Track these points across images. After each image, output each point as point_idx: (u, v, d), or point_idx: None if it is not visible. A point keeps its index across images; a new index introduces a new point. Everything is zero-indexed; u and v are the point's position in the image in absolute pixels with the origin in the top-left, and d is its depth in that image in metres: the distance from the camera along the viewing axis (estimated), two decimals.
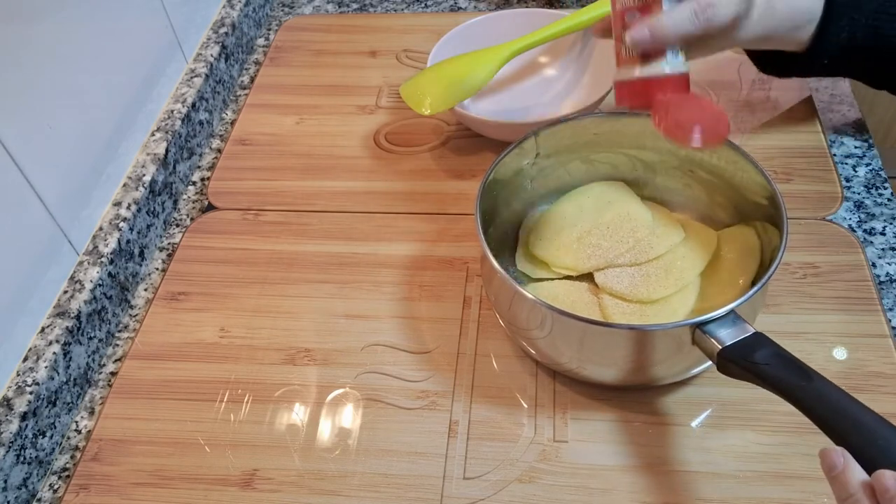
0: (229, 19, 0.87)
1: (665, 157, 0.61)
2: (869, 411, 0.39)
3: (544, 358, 0.55)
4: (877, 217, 0.64)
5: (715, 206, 0.61)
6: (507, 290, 0.52)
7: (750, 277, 0.55)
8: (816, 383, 0.41)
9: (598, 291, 0.58)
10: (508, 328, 0.57)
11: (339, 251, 0.67)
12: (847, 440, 0.38)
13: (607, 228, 0.60)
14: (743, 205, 0.58)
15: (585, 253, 0.59)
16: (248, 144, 0.78)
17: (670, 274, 0.57)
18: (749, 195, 0.56)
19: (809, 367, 0.42)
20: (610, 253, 0.59)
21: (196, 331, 0.62)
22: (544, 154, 0.61)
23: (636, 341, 0.48)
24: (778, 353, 0.44)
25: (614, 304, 0.57)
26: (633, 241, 0.59)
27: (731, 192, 0.58)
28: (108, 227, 0.65)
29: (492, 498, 0.50)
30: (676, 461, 0.51)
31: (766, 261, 0.54)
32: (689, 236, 0.60)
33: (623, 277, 0.58)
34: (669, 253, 0.59)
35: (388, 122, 0.79)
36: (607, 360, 0.51)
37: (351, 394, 0.57)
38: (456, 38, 0.78)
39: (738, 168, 0.56)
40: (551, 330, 0.50)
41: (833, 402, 0.40)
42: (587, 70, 0.78)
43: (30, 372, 0.54)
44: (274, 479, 0.52)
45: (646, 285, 0.57)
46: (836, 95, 0.76)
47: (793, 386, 0.42)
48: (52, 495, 0.54)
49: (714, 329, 0.45)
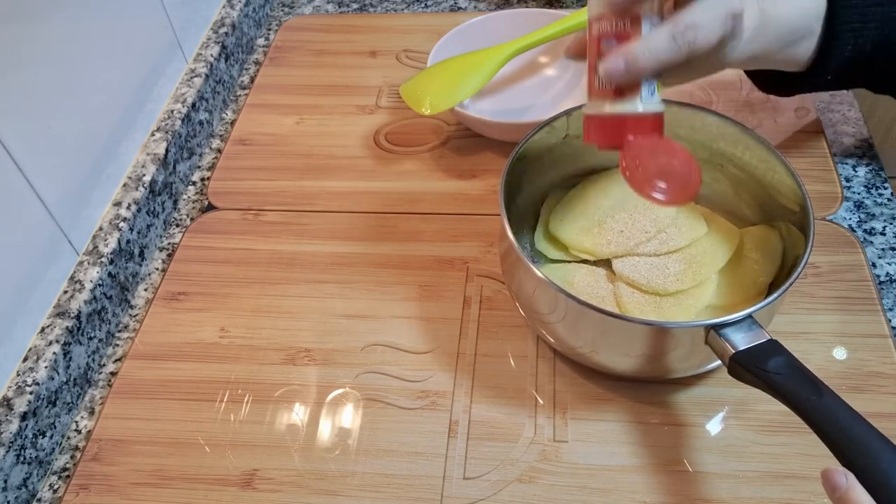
0: (229, 19, 0.87)
1: (696, 147, 0.60)
2: (875, 433, 0.39)
3: (558, 342, 0.55)
4: (877, 217, 0.64)
5: (740, 203, 0.60)
6: (523, 271, 0.51)
7: (769, 280, 0.54)
8: (826, 399, 0.41)
9: (614, 278, 0.58)
10: (523, 310, 0.56)
11: (339, 251, 0.67)
12: (850, 460, 0.38)
13: (630, 216, 0.59)
14: (769, 205, 0.57)
15: (606, 238, 0.59)
16: (248, 144, 0.78)
17: (690, 268, 0.57)
18: (777, 196, 0.55)
19: (821, 382, 0.42)
20: (631, 241, 0.58)
21: (196, 331, 0.62)
22: (574, 134, 0.60)
23: (650, 336, 0.48)
24: (791, 363, 0.43)
25: (630, 293, 0.56)
26: (654, 231, 0.58)
27: (759, 190, 0.58)
28: (108, 227, 0.65)
29: (492, 498, 0.50)
30: (677, 461, 0.51)
31: (786, 265, 0.53)
32: (711, 231, 0.59)
33: (641, 267, 0.57)
34: (691, 246, 0.58)
35: (388, 122, 0.79)
36: (618, 351, 0.50)
37: (351, 394, 0.57)
38: (456, 38, 0.78)
39: (768, 168, 0.55)
40: (565, 314, 0.50)
41: (840, 420, 0.40)
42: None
43: (30, 372, 0.54)
44: (274, 479, 0.52)
45: (663, 277, 0.56)
46: (836, 95, 0.76)
47: (802, 399, 0.41)
48: (52, 495, 0.54)
49: (729, 332, 0.45)
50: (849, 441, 0.39)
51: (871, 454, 0.38)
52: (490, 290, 0.62)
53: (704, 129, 0.59)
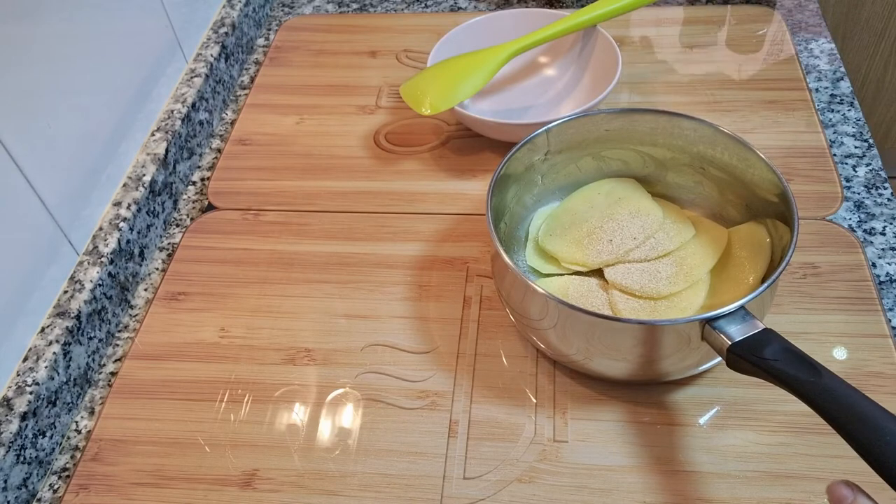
0: (229, 19, 0.87)
1: (676, 153, 0.61)
2: (878, 408, 0.39)
3: (555, 353, 0.55)
4: (877, 217, 0.64)
5: (726, 204, 0.61)
6: (518, 286, 0.52)
7: (760, 274, 0.55)
8: (825, 379, 0.41)
9: (607, 287, 0.58)
10: (518, 323, 0.57)
11: (339, 251, 0.67)
12: (855, 437, 0.38)
13: (618, 224, 0.60)
14: (754, 202, 0.58)
15: (595, 248, 0.59)
16: (248, 144, 0.78)
17: (681, 270, 0.58)
18: (760, 192, 0.56)
19: (819, 363, 0.42)
20: (620, 249, 0.59)
21: (196, 331, 0.62)
22: (555, 150, 0.61)
23: (645, 336, 0.48)
24: (787, 348, 0.44)
25: (624, 299, 0.57)
26: (643, 238, 0.59)
27: (742, 189, 0.58)
28: (108, 227, 0.65)
29: (492, 498, 0.50)
30: (677, 461, 0.51)
31: (776, 258, 0.54)
32: (699, 233, 0.60)
33: (633, 273, 0.58)
34: (680, 249, 0.59)
35: (388, 122, 0.79)
36: (616, 355, 0.50)
37: (351, 394, 0.57)
38: (456, 38, 0.78)
39: (749, 165, 0.56)
40: (562, 325, 0.50)
41: (842, 398, 0.40)
42: (587, 70, 0.78)
43: (30, 372, 0.54)
44: (274, 479, 0.52)
45: (655, 281, 0.57)
46: (836, 95, 0.76)
47: (801, 382, 0.42)
48: (52, 495, 0.54)
49: (724, 325, 0.46)
50: (852, 418, 0.39)
51: (876, 429, 0.38)
52: (490, 290, 0.62)
53: (682, 135, 0.60)
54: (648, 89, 0.78)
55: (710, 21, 0.86)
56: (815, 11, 0.86)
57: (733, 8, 0.88)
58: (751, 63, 0.80)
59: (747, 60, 0.80)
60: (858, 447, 0.38)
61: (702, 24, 0.86)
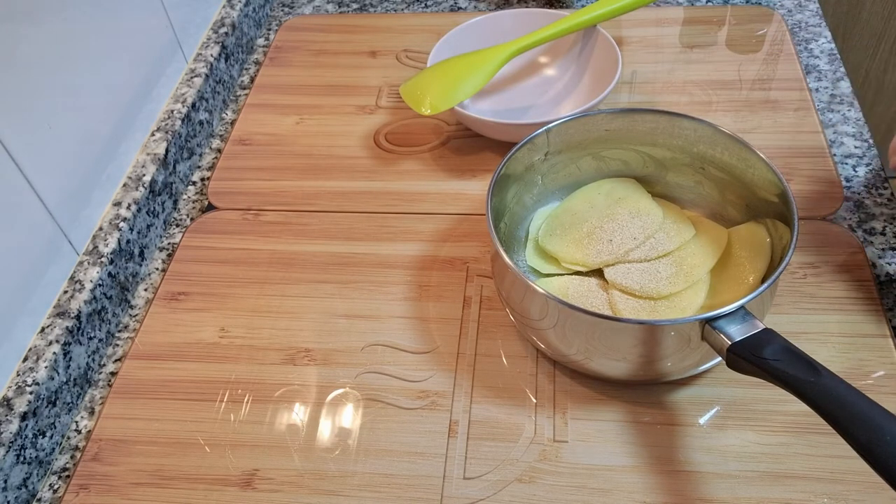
0: (229, 19, 0.87)
1: (676, 154, 0.61)
2: (878, 407, 0.39)
3: (555, 353, 0.55)
4: (877, 217, 0.64)
5: (726, 204, 0.61)
6: (518, 286, 0.52)
7: (760, 274, 0.55)
8: (825, 379, 0.41)
9: (607, 287, 0.58)
10: (518, 323, 0.57)
11: (339, 251, 0.67)
12: (855, 436, 0.38)
13: (618, 224, 0.60)
14: (754, 202, 0.58)
15: (595, 248, 0.59)
16: (248, 144, 0.78)
17: (681, 270, 0.58)
18: (760, 192, 0.56)
19: (818, 363, 0.42)
20: (620, 249, 0.59)
21: (196, 331, 0.62)
22: (555, 150, 0.61)
23: (645, 336, 0.48)
24: (787, 348, 0.44)
25: (624, 299, 0.57)
26: (643, 238, 0.59)
27: (742, 189, 0.58)
28: (108, 227, 0.65)
29: (492, 498, 0.50)
30: (677, 461, 0.51)
31: (776, 258, 0.54)
32: (699, 233, 0.60)
33: (633, 273, 0.58)
34: (680, 250, 0.59)
35: (388, 122, 0.79)
36: (616, 355, 0.50)
37: (351, 394, 0.57)
38: (456, 38, 0.78)
39: (748, 165, 0.56)
40: (562, 325, 0.50)
41: (841, 397, 0.40)
42: (587, 70, 0.78)
43: (30, 372, 0.54)
44: (274, 479, 0.52)
45: (655, 281, 0.57)
46: (836, 96, 0.76)
47: (801, 382, 0.42)
48: (52, 495, 0.54)
49: (724, 325, 0.46)
50: (852, 417, 0.39)
51: (876, 428, 0.38)
52: (490, 290, 0.62)
53: (682, 135, 0.60)
54: (648, 89, 0.78)
55: (710, 21, 0.86)
56: (815, 11, 0.86)
57: (733, 8, 0.88)
58: (751, 63, 0.80)
59: (747, 60, 0.80)
60: (858, 447, 0.38)
61: (702, 24, 0.86)
